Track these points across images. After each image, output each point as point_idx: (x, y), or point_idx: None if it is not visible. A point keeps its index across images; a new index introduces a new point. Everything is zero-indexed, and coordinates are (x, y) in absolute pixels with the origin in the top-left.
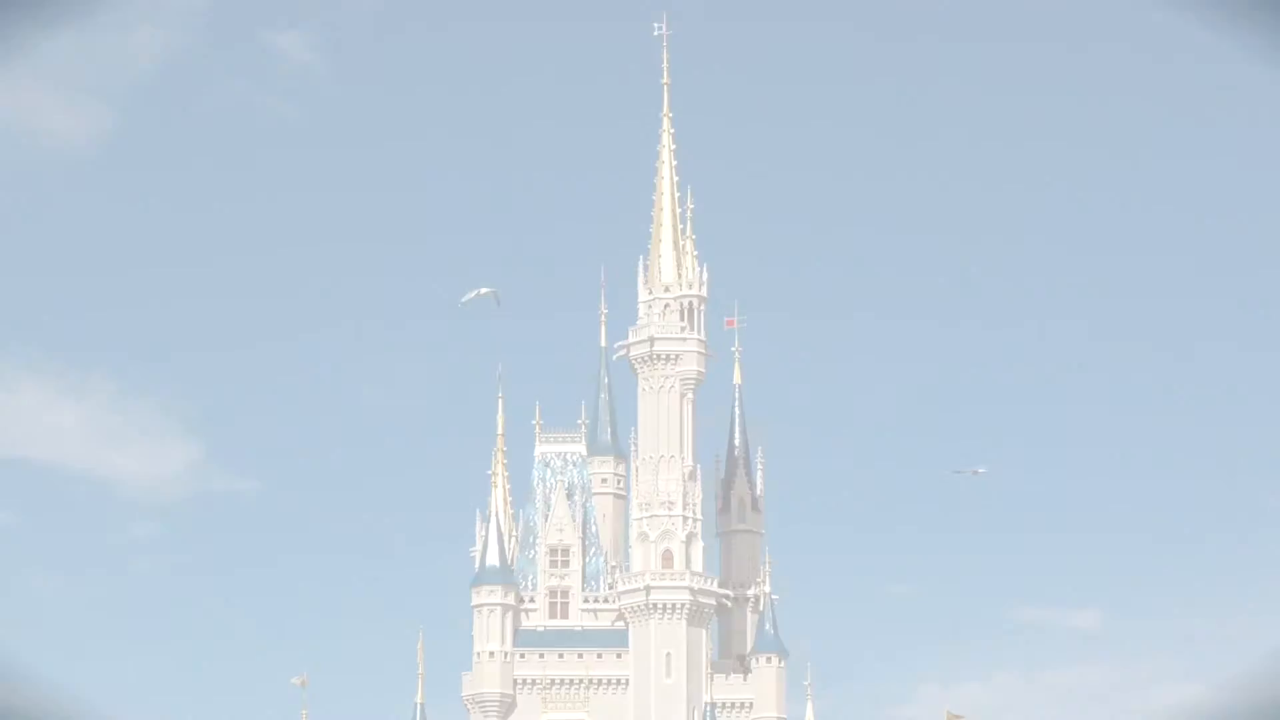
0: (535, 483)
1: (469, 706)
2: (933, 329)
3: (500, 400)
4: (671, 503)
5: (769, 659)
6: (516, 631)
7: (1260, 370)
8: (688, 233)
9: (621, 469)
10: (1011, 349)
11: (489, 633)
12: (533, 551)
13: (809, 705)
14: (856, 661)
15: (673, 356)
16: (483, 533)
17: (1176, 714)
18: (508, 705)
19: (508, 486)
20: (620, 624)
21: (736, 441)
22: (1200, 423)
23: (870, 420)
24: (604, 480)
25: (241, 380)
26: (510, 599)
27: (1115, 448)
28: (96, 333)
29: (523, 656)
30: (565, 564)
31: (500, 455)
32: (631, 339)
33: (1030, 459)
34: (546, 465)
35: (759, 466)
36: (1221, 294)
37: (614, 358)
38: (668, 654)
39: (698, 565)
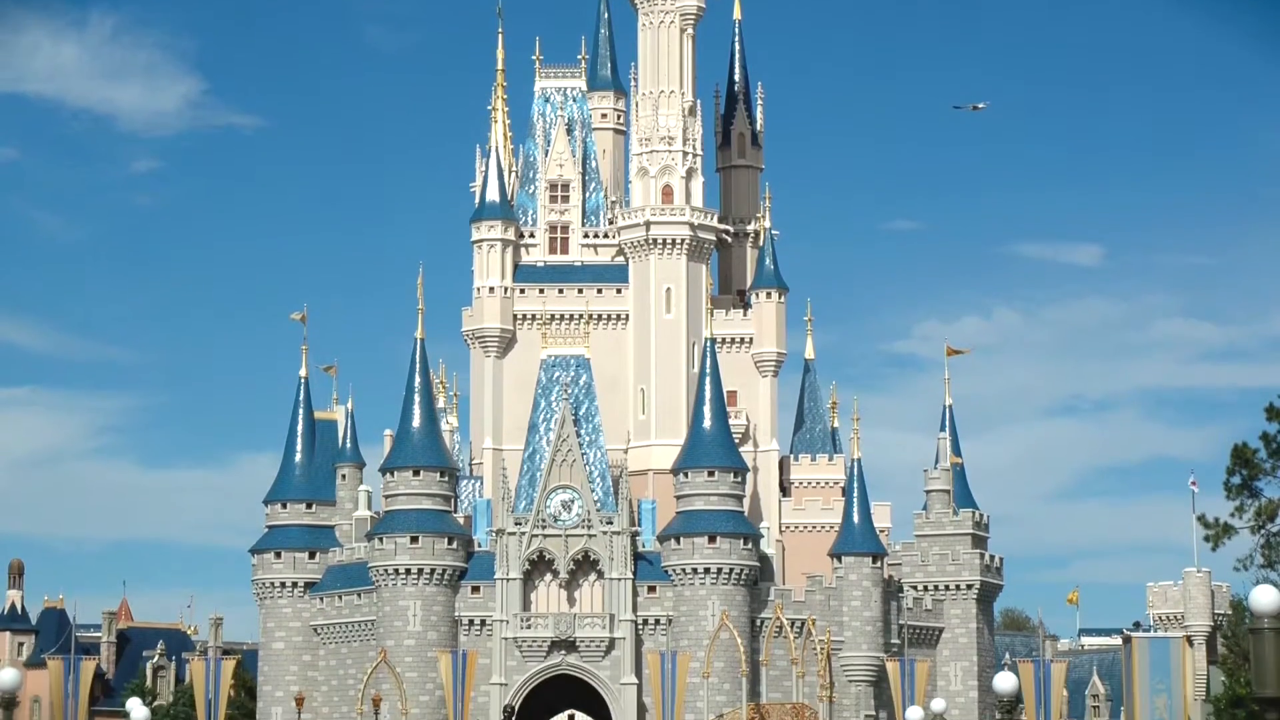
0: (535, 118)
1: (469, 342)
2: None
3: (500, 35)
4: (671, 138)
5: (769, 294)
6: (516, 267)
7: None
8: None
9: (622, 104)
10: None
11: (489, 268)
12: (533, 186)
13: (809, 340)
14: (857, 297)
15: None
16: (482, 168)
17: (1175, 348)
18: (507, 340)
19: (507, 121)
20: (620, 259)
21: (736, 77)
22: (1200, 59)
23: (871, 55)
24: (604, 115)
25: (241, 15)
26: (510, 234)
27: (1117, 83)
28: None
29: (522, 292)
30: (565, 199)
31: (500, 90)
32: None
33: (1031, 94)
34: (546, 100)
35: (759, 102)
36: None
37: None
38: (668, 289)
39: (697, 200)
